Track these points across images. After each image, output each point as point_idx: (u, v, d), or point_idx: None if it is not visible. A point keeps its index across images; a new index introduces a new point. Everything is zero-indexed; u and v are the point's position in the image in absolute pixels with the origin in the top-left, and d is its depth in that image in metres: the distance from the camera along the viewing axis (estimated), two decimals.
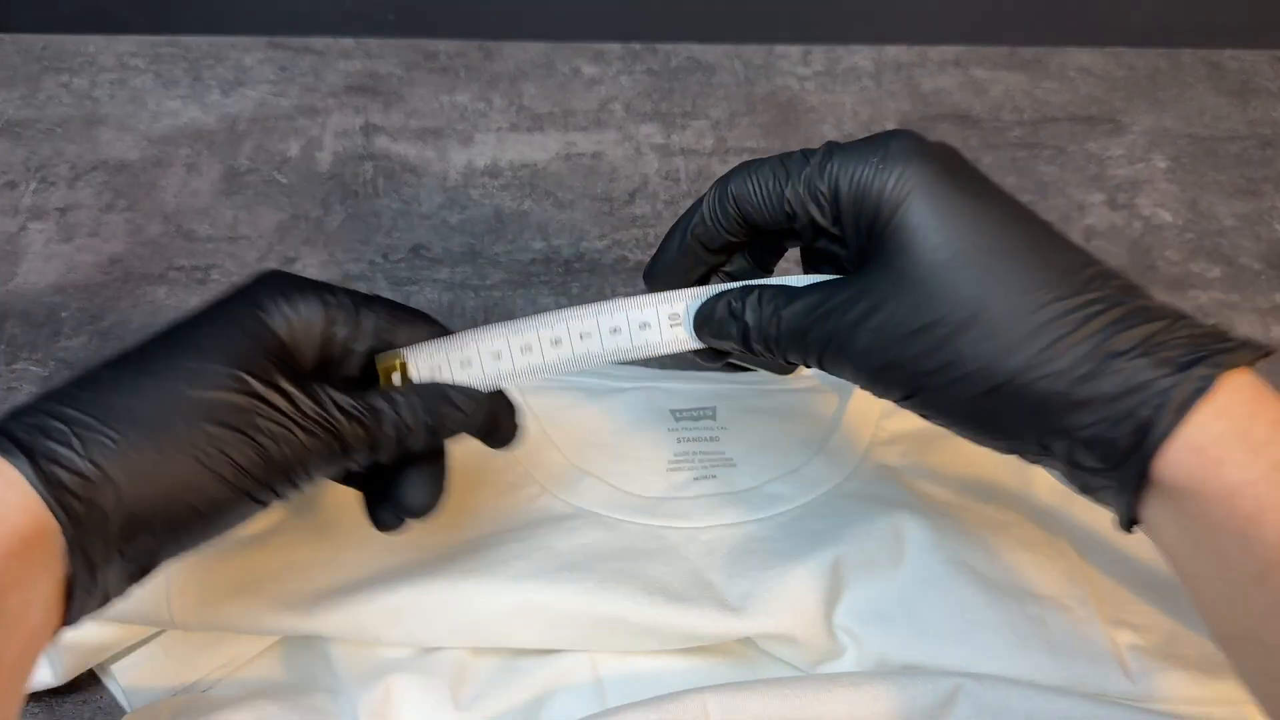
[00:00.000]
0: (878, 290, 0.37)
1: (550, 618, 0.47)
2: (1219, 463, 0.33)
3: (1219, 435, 0.33)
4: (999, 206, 0.37)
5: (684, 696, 0.44)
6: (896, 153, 0.37)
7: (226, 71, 0.86)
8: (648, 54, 0.89)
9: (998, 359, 0.35)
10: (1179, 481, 0.34)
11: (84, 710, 0.49)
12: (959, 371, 0.36)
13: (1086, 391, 0.34)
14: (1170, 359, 0.34)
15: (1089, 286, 0.35)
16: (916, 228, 0.36)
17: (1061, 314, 0.35)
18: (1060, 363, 0.34)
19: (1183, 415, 0.33)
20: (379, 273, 0.70)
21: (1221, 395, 0.33)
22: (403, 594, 0.47)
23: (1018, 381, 0.35)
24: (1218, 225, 0.75)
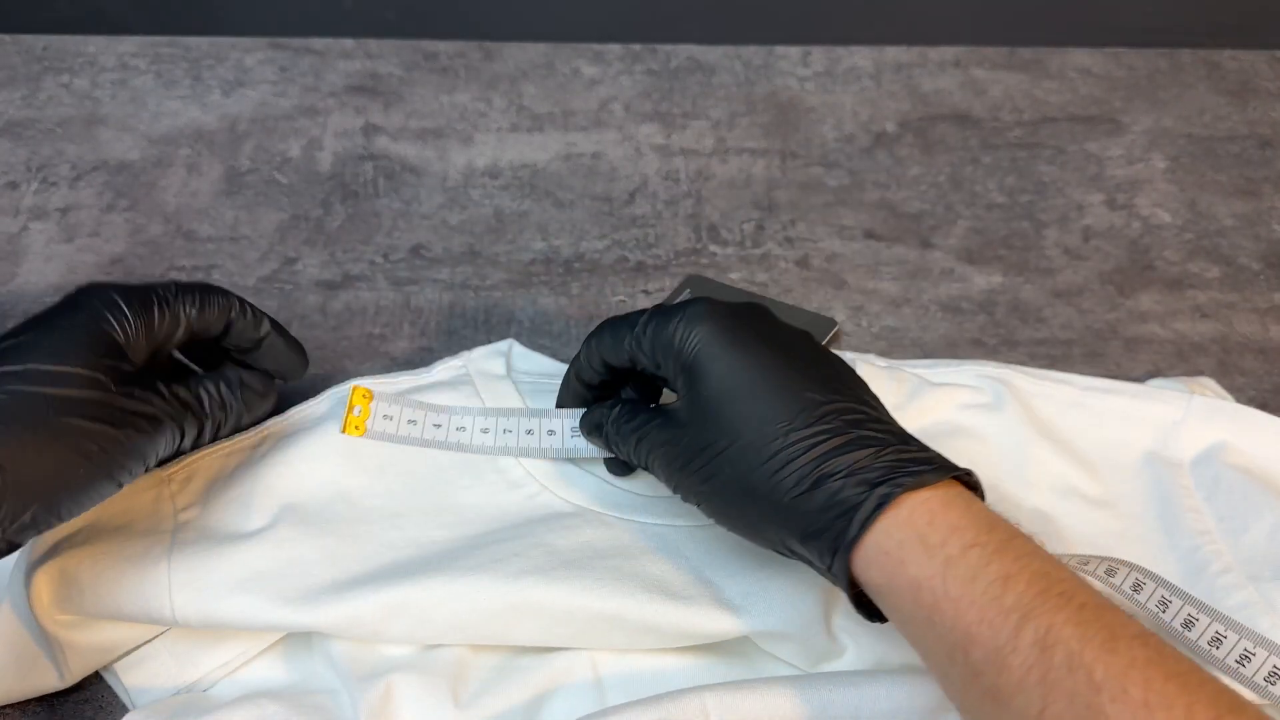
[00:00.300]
0: (677, 421, 0.46)
1: (549, 615, 0.47)
2: (901, 563, 0.40)
3: (901, 541, 0.40)
4: (764, 356, 0.45)
5: (683, 695, 0.44)
6: (691, 316, 0.47)
7: (227, 72, 0.86)
8: (647, 54, 0.89)
9: (747, 476, 0.43)
10: (877, 580, 0.41)
11: (84, 709, 0.49)
12: (725, 486, 0.44)
13: (804, 506, 0.42)
14: (866, 480, 0.41)
15: (820, 420, 0.43)
16: (701, 374, 0.45)
17: (794, 443, 0.43)
18: (788, 482, 0.42)
19: (867, 526, 0.41)
20: (379, 273, 0.70)
21: (904, 508, 0.41)
22: (402, 590, 0.47)
23: (759, 496, 0.43)
24: (1217, 225, 0.76)
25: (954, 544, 0.40)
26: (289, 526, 0.50)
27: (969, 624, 0.38)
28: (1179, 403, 0.56)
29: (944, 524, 0.40)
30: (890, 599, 0.41)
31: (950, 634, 0.38)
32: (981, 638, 0.38)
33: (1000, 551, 0.39)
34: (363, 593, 0.47)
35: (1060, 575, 0.39)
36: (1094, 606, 0.37)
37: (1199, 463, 0.55)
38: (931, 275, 0.71)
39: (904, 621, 0.41)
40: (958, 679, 0.39)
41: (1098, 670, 0.35)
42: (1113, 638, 0.36)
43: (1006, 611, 0.37)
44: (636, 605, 0.47)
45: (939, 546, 0.39)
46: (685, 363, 0.46)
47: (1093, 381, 0.58)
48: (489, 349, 0.60)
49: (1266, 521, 0.52)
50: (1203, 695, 0.35)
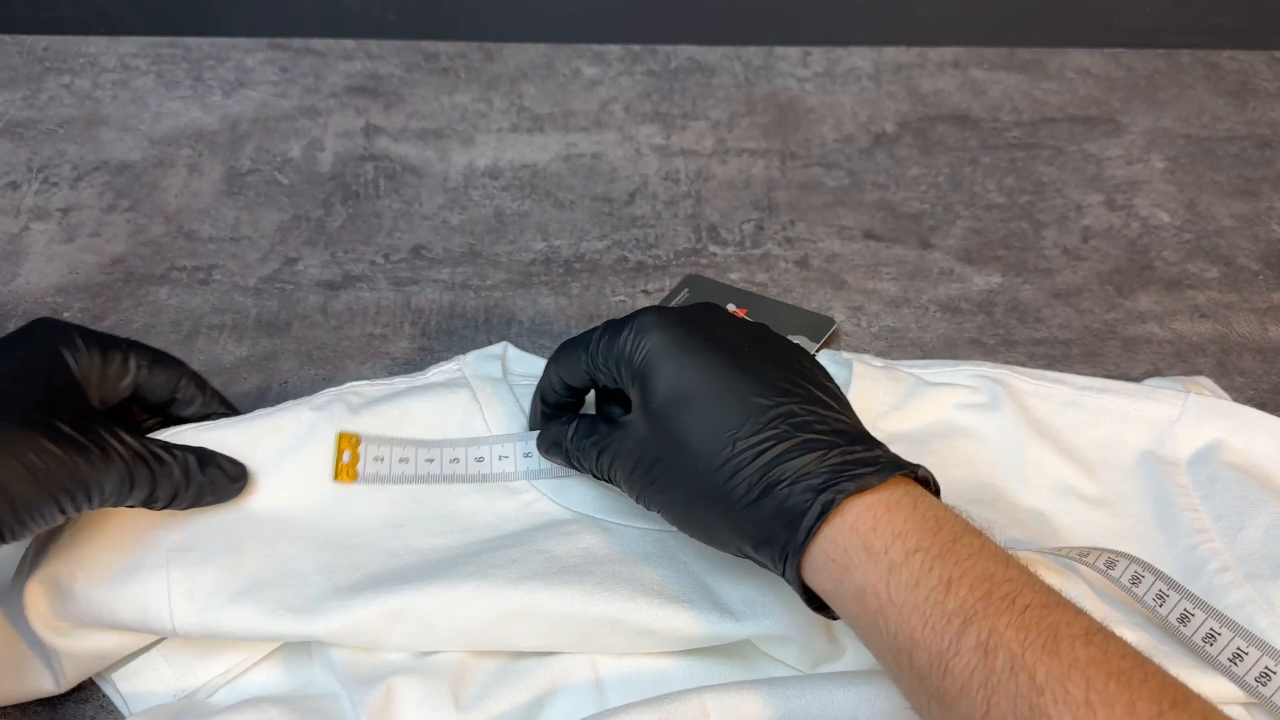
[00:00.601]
0: (633, 431, 0.47)
1: (549, 621, 0.47)
2: (847, 570, 0.40)
3: (846, 548, 0.41)
4: (711, 363, 0.45)
5: (683, 696, 0.44)
6: (639, 327, 0.47)
7: (228, 72, 0.86)
8: (648, 55, 0.89)
9: (700, 485, 0.44)
10: (826, 585, 0.42)
11: (85, 709, 0.49)
12: (681, 494, 0.45)
13: (754, 513, 0.42)
14: (812, 486, 0.41)
15: (767, 425, 0.43)
16: (650, 384, 0.46)
17: (741, 451, 0.43)
18: (738, 490, 0.43)
19: (812, 534, 0.41)
20: (380, 273, 0.71)
21: (850, 514, 0.41)
22: (402, 598, 0.47)
23: (712, 503, 0.44)
24: (1216, 225, 0.76)
25: (897, 550, 0.40)
26: (288, 536, 0.50)
27: (913, 629, 0.39)
28: (1175, 401, 0.57)
29: (888, 529, 0.40)
30: (839, 603, 0.41)
31: (895, 639, 0.39)
32: (925, 643, 0.38)
33: (943, 555, 0.39)
34: (363, 601, 0.47)
35: (1005, 576, 0.39)
36: (1038, 607, 0.38)
37: (1195, 461, 0.55)
38: (931, 275, 0.71)
39: (853, 624, 0.41)
40: (904, 682, 0.40)
41: (1039, 672, 0.36)
42: (1055, 639, 0.37)
43: (949, 616, 0.38)
44: (636, 610, 0.47)
45: (882, 553, 0.40)
46: (636, 373, 0.47)
47: (1089, 381, 0.58)
48: (483, 352, 0.60)
49: (1263, 519, 0.52)
50: (1145, 691, 0.35)
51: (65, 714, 0.49)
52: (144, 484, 0.46)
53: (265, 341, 0.66)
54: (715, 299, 0.68)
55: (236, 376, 0.64)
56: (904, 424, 0.57)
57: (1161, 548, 0.53)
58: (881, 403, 0.57)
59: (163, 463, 0.47)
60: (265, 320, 0.67)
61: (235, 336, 0.66)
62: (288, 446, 0.52)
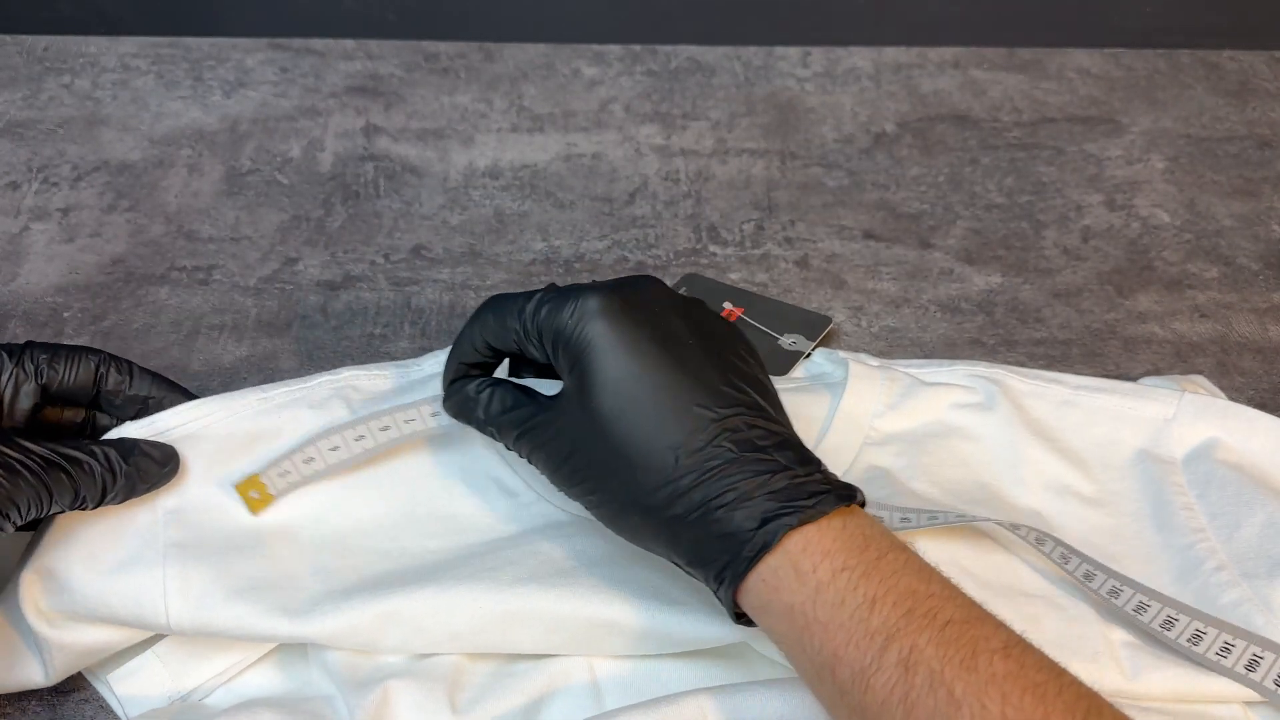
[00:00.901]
0: (566, 420, 0.45)
1: (545, 623, 0.47)
2: (776, 589, 0.41)
3: (777, 568, 0.41)
4: (658, 365, 0.44)
5: (682, 698, 0.44)
6: (586, 310, 0.45)
7: (228, 72, 0.86)
8: (648, 55, 0.89)
9: (639, 498, 0.43)
10: (754, 603, 0.42)
11: (85, 709, 0.49)
12: (616, 500, 0.44)
13: (694, 534, 0.42)
14: (755, 515, 0.42)
15: (712, 443, 0.43)
16: (592, 378, 0.44)
17: (684, 469, 0.43)
18: (680, 508, 0.43)
19: (753, 565, 0.41)
20: (380, 273, 0.71)
21: (786, 541, 0.41)
22: (397, 600, 0.47)
23: (651, 517, 0.43)
24: (1216, 226, 0.76)
25: (824, 569, 0.40)
26: (284, 536, 0.50)
27: (836, 646, 0.39)
28: (1170, 400, 0.56)
29: (817, 549, 0.41)
30: (766, 621, 0.42)
31: (818, 656, 0.40)
32: (848, 659, 0.39)
33: (869, 574, 0.40)
34: (357, 603, 0.47)
35: (928, 592, 0.40)
36: (959, 623, 0.39)
37: (1191, 460, 0.55)
38: (931, 275, 0.71)
39: (779, 641, 0.42)
40: (827, 697, 0.40)
41: (957, 688, 0.37)
42: (974, 654, 0.38)
43: (872, 634, 0.39)
44: (633, 612, 0.47)
45: (810, 573, 0.40)
46: (575, 359, 0.45)
47: (1084, 380, 0.58)
48: None
49: (1259, 518, 0.52)
50: (1059, 704, 0.36)
51: (65, 714, 0.49)
52: (65, 489, 0.45)
53: (265, 341, 0.66)
54: (713, 297, 0.68)
55: (236, 376, 0.64)
56: (900, 424, 0.57)
57: (1157, 547, 0.53)
58: (878, 403, 0.57)
59: (79, 463, 0.46)
60: (265, 320, 0.67)
61: (235, 336, 0.66)
62: (285, 449, 0.52)
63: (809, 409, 0.58)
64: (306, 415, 0.53)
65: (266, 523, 0.50)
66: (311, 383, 0.54)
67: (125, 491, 0.48)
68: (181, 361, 0.64)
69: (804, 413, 0.58)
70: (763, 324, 0.66)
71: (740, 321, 0.66)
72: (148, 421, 0.51)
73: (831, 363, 0.62)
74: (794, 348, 0.64)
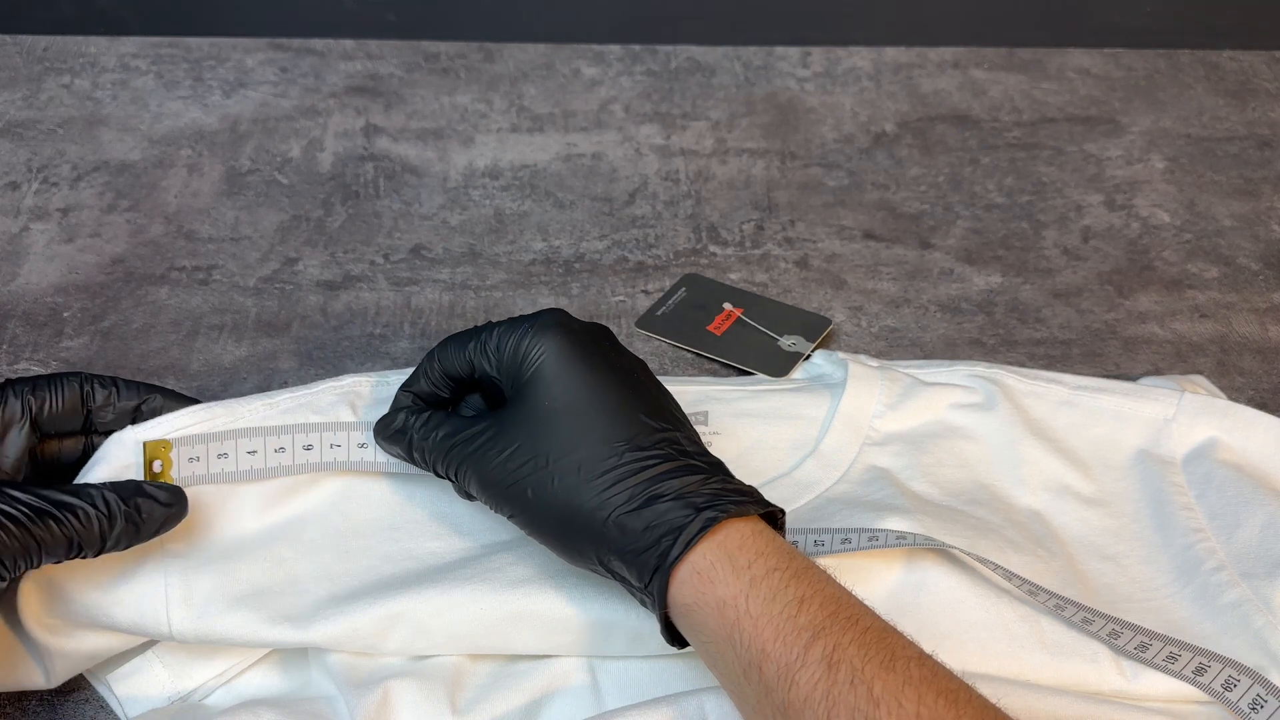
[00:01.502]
0: (501, 427, 0.47)
1: (546, 624, 0.47)
2: (711, 582, 0.42)
3: (714, 562, 0.42)
4: (608, 377, 0.46)
5: (681, 699, 0.44)
6: (541, 326, 0.47)
7: (228, 72, 0.86)
8: (647, 55, 0.89)
9: (576, 490, 0.44)
10: (687, 598, 0.43)
11: (85, 709, 0.49)
12: (547, 499, 0.45)
13: (631, 522, 0.44)
14: (694, 504, 0.43)
15: (655, 445, 0.45)
16: (540, 381, 0.46)
17: (628, 462, 0.44)
18: (618, 499, 0.44)
19: (689, 547, 0.42)
20: (380, 273, 0.71)
21: (721, 534, 0.43)
22: (398, 603, 0.47)
23: (585, 510, 0.44)
24: (1215, 226, 0.76)
25: (759, 567, 0.42)
26: (285, 541, 0.50)
27: (765, 641, 0.40)
28: (1169, 400, 0.56)
29: (752, 548, 0.43)
30: (696, 617, 0.43)
31: (747, 651, 0.41)
32: (775, 654, 0.40)
33: (798, 576, 0.42)
34: (359, 606, 0.47)
35: (849, 601, 0.42)
36: (878, 630, 0.41)
37: (1190, 460, 0.55)
38: (931, 275, 0.71)
39: (707, 640, 0.43)
40: (752, 696, 0.41)
41: (876, 686, 0.38)
42: (892, 658, 0.39)
43: (800, 630, 0.40)
44: (633, 613, 0.47)
45: (745, 569, 0.42)
46: (528, 370, 0.47)
47: (1083, 380, 0.58)
48: None
49: (1258, 518, 0.52)
50: (969, 711, 0.38)
51: (65, 714, 0.49)
52: (57, 540, 0.43)
53: (265, 341, 0.66)
54: (712, 297, 0.68)
55: (236, 376, 0.64)
56: (900, 424, 0.57)
57: (1157, 547, 0.53)
58: (878, 403, 0.57)
59: (73, 510, 0.43)
60: (265, 320, 0.67)
61: (235, 336, 0.66)
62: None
63: (809, 409, 0.58)
64: (313, 420, 0.53)
65: (267, 525, 0.50)
66: (316, 388, 0.53)
67: (129, 537, 0.45)
68: (181, 361, 0.64)
69: (804, 413, 0.58)
70: (762, 325, 0.66)
71: (739, 322, 0.66)
72: (152, 424, 0.50)
73: (831, 363, 0.62)
74: (793, 349, 0.64)
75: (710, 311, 0.67)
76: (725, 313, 0.67)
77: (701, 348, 0.65)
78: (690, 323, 0.67)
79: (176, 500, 0.46)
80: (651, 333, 0.66)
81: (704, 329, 0.66)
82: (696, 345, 0.65)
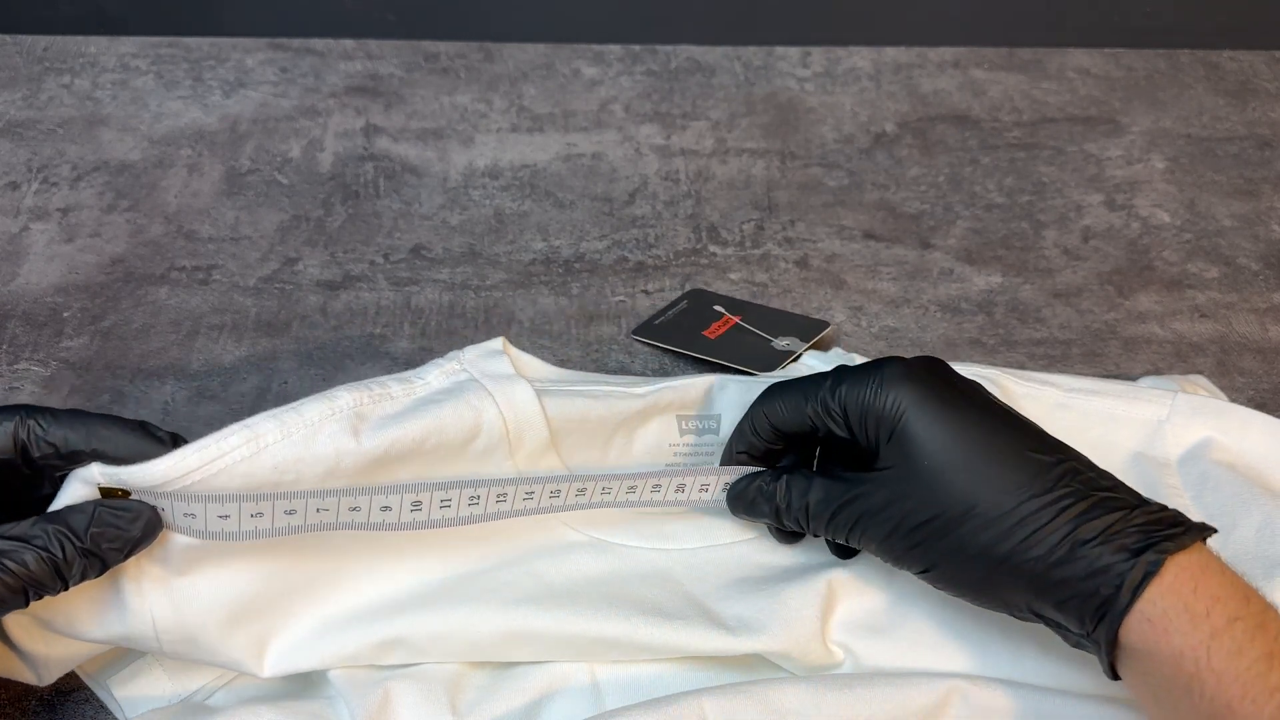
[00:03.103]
0: (890, 489, 0.45)
1: (545, 641, 0.47)
2: (1166, 631, 0.40)
3: (1166, 609, 0.40)
4: (979, 417, 0.45)
5: (681, 699, 0.44)
6: (889, 378, 0.45)
7: (228, 72, 0.86)
8: (647, 55, 0.89)
9: (991, 546, 0.43)
10: (1136, 645, 0.41)
11: (85, 710, 0.49)
12: (961, 555, 0.44)
13: (1061, 574, 0.42)
14: (1126, 546, 0.41)
15: (1059, 484, 0.43)
16: (913, 440, 0.44)
17: (1037, 509, 0.42)
18: (1039, 550, 0.42)
19: (1136, 596, 0.41)
20: (379, 273, 0.71)
21: (1168, 575, 0.41)
22: (396, 627, 0.47)
23: (1007, 564, 0.43)
24: (1216, 226, 0.76)
25: (1218, 616, 0.40)
26: (275, 569, 0.47)
27: (1231, 699, 0.39)
28: (1163, 401, 0.56)
29: (1206, 593, 0.41)
30: (1147, 663, 0.41)
31: (1210, 705, 0.39)
32: (1244, 713, 0.39)
33: (1263, 627, 0.40)
34: (355, 633, 0.46)
35: None
36: None
37: (1186, 461, 0.55)
38: (931, 275, 0.71)
39: (1156, 685, 0.41)
40: None
41: None
42: None
43: (1271, 690, 0.39)
44: (632, 628, 0.47)
45: (1204, 617, 0.40)
46: (893, 428, 0.45)
47: (1077, 382, 0.57)
48: (481, 349, 0.52)
49: (1255, 518, 0.52)
50: None
51: (65, 714, 0.49)
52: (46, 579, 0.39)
53: (265, 341, 0.66)
54: (712, 307, 0.67)
55: (236, 376, 0.64)
56: None
57: None
58: None
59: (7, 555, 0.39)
60: (265, 320, 0.67)
61: (235, 336, 0.66)
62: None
63: None
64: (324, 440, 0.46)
65: (257, 546, 0.46)
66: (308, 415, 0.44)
67: (95, 568, 0.41)
68: (181, 361, 0.64)
69: None
70: (760, 328, 0.65)
71: (736, 327, 0.66)
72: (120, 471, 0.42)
73: (825, 363, 0.61)
74: (786, 348, 0.64)
75: (708, 319, 0.67)
76: (723, 319, 0.67)
77: (695, 350, 0.65)
78: (686, 329, 0.66)
79: (138, 518, 0.41)
80: (647, 339, 0.66)
81: (700, 334, 0.66)
82: (690, 348, 0.65)
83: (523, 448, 0.49)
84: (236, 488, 0.42)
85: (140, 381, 0.63)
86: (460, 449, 0.48)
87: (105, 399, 0.62)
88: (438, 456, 0.47)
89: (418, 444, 0.46)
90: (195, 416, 0.61)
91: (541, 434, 0.50)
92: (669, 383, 0.54)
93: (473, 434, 0.48)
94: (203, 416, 0.61)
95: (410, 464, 0.47)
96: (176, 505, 0.42)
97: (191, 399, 0.62)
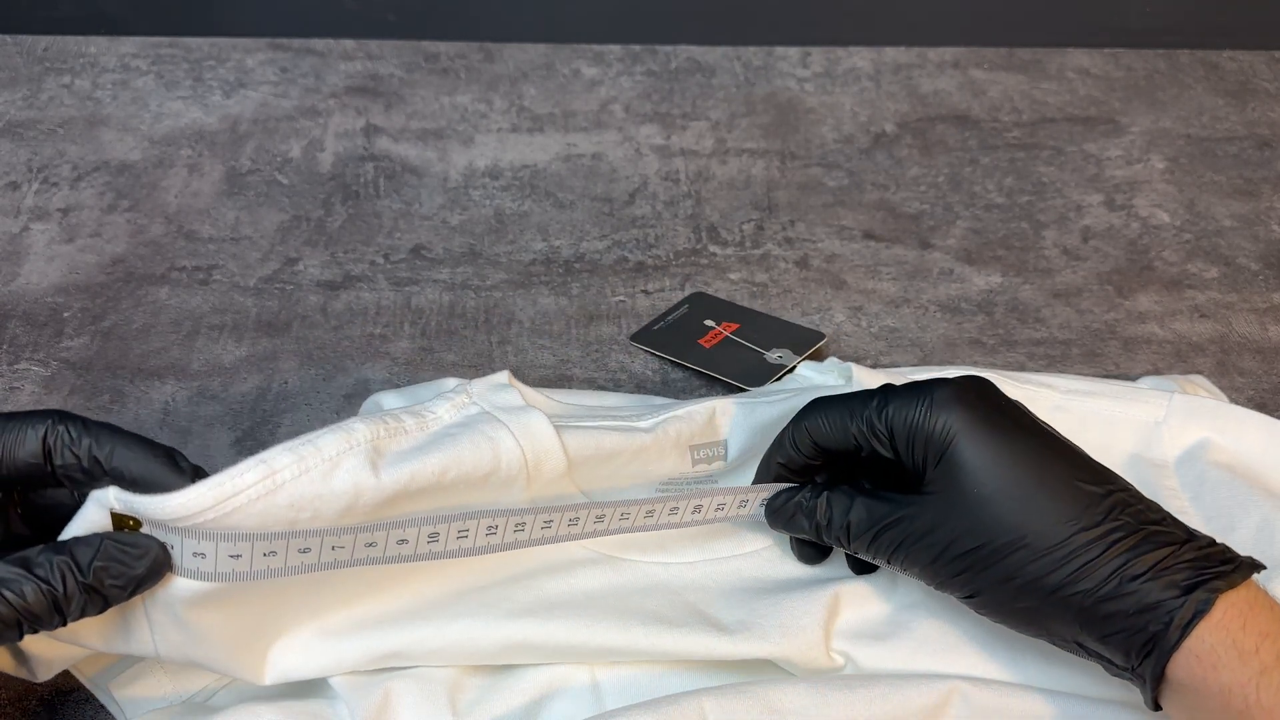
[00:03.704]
0: (936, 513, 0.44)
1: (545, 652, 0.47)
2: (1214, 667, 0.40)
3: (1214, 646, 0.40)
4: (1030, 445, 0.44)
5: (681, 699, 0.44)
6: (940, 401, 0.45)
7: (228, 73, 0.86)
8: (647, 55, 0.89)
9: (1040, 578, 0.42)
10: (1183, 681, 0.41)
11: (85, 710, 0.49)
12: (1008, 584, 0.43)
13: (1109, 608, 0.41)
14: (1176, 582, 0.41)
15: (1109, 517, 0.42)
16: (963, 465, 0.44)
17: (1087, 543, 0.42)
18: (1088, 583, 0.42)
19: (1186, 634, 0.40)
20: (380, 273, 0.71)
21: (1217, 612, 0.40)
22: (394, 639, 0.46)
23: (1055, 597, 0.42)
24: (1215, 226, 0.76)
25: (1267, 652, 0.40)
26: (274, 583, 0.47)
27: None
28: (1160, 402, 0.56)
29: (1255, 629, 0.40)
30: (1193, 699, 0.41)
31: None
32: None
33: None
34: (354, 648, 0.46)
35: None
36: None
37: (1183, 462, 0.55)
38: (930, 276, 0.71)
39: (1203, 718, 0.41)
40: None
41: None
42: None
43: None
44: (632, 637, 0.47)
45: (1253, 654, 0.40)
46: (941, 452, 0.44)
47: (1074, 384, 0.57)
48: (487, 383, 0.50)
49: (1253, 519, 0.52)
50: None
51: (65, 714, 0.49)
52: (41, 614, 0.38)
53: (265, 341, 0.66)
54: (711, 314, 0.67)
55: (236, 376, 0.64)
56: None
57: None
58: None
59: (4, 584, 0.37)
60: (265, 320, 0.67)
61: (235, 336, 0.66)
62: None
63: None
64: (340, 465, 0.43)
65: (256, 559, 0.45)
66: (325, 449, 0.42)
67: (97, 604, 0.39)
68: (181, 361, 0.64)
69: None
70: (755, 340, 0.65)
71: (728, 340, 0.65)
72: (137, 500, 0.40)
73: (821, 373, 0.59)
74: (779, 362, 0.64)
75: (704, 329, 0.66)
76: (723, 324, 0.66)
77: (689, 360, 0.64)
78: (683, 337, 0.66)
79: (144, 554, 0.40)
80: (645, 346, 0.66)
81: (695, 343, 0.65)
82: (685, 358, 0.64)
83: (541, 477, 0.48)
84: (251, 526, 0.41)
85: (140, 381, 0.63)
86: (480, 482, 0.47)
87: (105, 399, 0.62)
88: (456, 490, 0.46)
89: (437, 478, 0.45)
90: (195, 416, 0.61)
91: (560, 463, 0.48)
92: (673, 412, 0.53)
93: (492, 466, 0.47)
94: (203, 416, 0.61)
95: (427, 498, 0.45)
96: (187, 542, 0.40)
97: (192, 399, 0.62)
